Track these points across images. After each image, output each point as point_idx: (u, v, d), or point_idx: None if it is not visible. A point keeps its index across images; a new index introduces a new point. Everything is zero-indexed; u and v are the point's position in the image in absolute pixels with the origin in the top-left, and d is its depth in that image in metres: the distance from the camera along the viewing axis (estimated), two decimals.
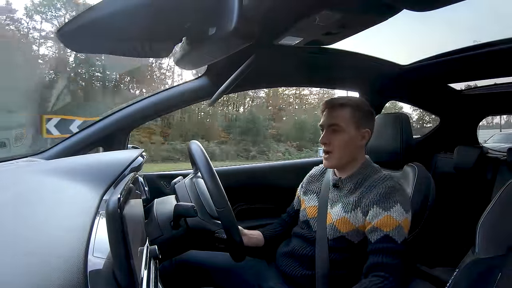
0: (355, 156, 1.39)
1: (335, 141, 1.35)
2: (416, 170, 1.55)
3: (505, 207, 1.04)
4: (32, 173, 1.00)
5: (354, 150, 1.38)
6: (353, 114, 1.36)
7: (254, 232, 1.56)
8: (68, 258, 0.56)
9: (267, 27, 0.81)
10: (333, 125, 1.35)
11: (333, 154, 1.36)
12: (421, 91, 2.37)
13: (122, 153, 1.36)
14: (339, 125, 1.34)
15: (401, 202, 1.24)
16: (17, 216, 0.66)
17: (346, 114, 1.35)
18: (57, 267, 0.53)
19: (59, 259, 0.55)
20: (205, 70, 1.83)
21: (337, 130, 1.35)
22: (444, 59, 1.80)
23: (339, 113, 1.36)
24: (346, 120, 1.35)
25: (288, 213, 1.65)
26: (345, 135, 1.35)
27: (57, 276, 0.51)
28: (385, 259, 1.17)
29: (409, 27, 19.33)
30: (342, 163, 1.39)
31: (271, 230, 1.61)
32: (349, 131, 1.35)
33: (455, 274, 1.01)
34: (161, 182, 1.98)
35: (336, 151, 1.36)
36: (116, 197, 0.61)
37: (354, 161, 1.40)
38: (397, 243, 1.18)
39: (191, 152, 1.36)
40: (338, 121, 1.35)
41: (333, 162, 1.38)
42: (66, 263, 0.55)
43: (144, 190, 1.57)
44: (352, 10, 0.77)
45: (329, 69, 1.98)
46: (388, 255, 1.17)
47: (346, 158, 1.38)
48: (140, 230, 0.93)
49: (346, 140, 1.35)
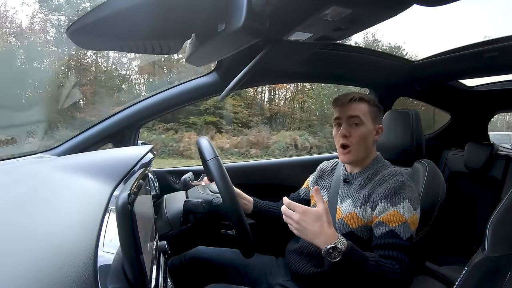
0: (370, 151, 1.39)
1: (355, 134, 1.34)
2: (427, 167, 1.53)
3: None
4: (43, 170, 1.01)
5: (369, 145, 1.38)
6: (370, 108, 1.36)
7: (246, 196, 1.56)
8: (78, 253, 0.57)
9: (277, 22, 0.80)
10: (353, 117, 1.34)
11: (352, 148, 1.35)
12: (432, 87, 2.35)
13: (132, 149, 1.37)
14: (360, 118, 1.34)
15: (410, 198, 1.22)
16: (28, 212, 0.67)
17: (364, 108, 1.35)
18: (68, 262, 0.53)
19: (69, 254, 0.55)
20: (214, 66, 1.83)
21: (357, 122, 1.34)
22: (455, 55, 1.78)
23: (359, 106, 1.35)
24: (365, 114, 1.35)
25: (291, 197, 1.63)
26: (364, 128, 1.34)
27: (68, 271, 0.51)
28: (390, 252, 1.16)
29: (420, 22, 19.18)
30: (359, 158, 1.38)
31: (264, 205, 1.60)
32: (368, 125, 1.35)
33: (464, 273, 1.01)
34: (171, 178, 1.99)
35: (354, 144, 1.34)
36: (126, 193, 0.61)
37: (367, 156, 1.39)
38: (402, 239, 1.17)
39: (200, 147, 1.36)
40: (358, 113, 1.34)
41: (351, 157, 1.37)
42: (77, 258, 0.55)
43: (154, 186, 1.58)
44: (362, 5, 0.76)
45: (339, 65, 1.97)
46: (393, 249, 1.16)
47: (363, 152, 1.37)
48: (150, 225, 0.93)
49: (365, 133, 1.34)
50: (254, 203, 1.57)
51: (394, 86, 2.29)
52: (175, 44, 0.97)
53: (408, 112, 1.66)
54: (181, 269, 1.48)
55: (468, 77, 2.24)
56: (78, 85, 7.67)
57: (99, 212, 0.71)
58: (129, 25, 0.82)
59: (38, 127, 2.24)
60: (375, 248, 1.21)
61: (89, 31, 0.81)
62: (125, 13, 0.75)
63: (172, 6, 0.78)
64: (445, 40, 15.81)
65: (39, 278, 0.48)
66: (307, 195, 1.62)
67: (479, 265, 0.99)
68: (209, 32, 0.85)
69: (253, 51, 1.01)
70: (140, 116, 1.78)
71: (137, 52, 0.98)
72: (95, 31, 0.82)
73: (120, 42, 0.92)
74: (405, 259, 1.15)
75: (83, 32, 0.82)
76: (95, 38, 0.87)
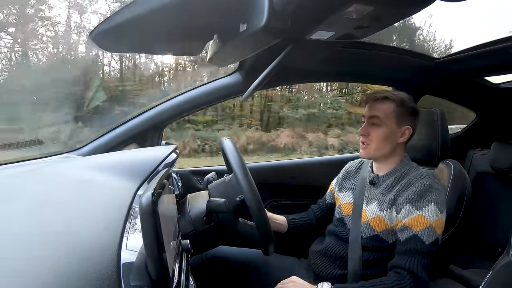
0: (393, 152, 1.37)
1: (373, 134, 1.34)
2: (452, 167, 1.50)
3: None
4: (68, 169, 1.03)
5: (392, 146, 1.35)
6: (395, 109, 1.34)
7: (278, 217, 1.56)
8: (102, 251, 0.58)
9: (298, 22, 0.79)
10: (373, 117, 1.34)
11: (370, 145, 1.35)
12: (456, 85, 2.29)
13: (156, 149, 1.39)
14: (379, 118, 1.33)
15: (436, 201, 1.20)
16: (54, 210, 0.69)
17: (387, 108, 1.33)
18: (92, 259, 0.54)
19: (93, 252, 0.56)
20: (237, 66, 1.84)
21: (376, 123, 1.33)
22: (479, 51, 1.73)
23: (381, 106, 1.34)
24: (387, 114, 1.33)
25: (319, 204, 1.64)
26: (384, 129, 1.33)
27: (92, 268, 0.52)
28: (410, 259, 1.15)
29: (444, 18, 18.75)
30: (378, 155, 1.37)
31: (296, 219, 1.60)
32: (389, 126, 1.33)
33: (488, 277, 0.98)
34: (194, 178, 2.01)
35: (373, 143, 1.34)
36: (150, 192, 0.62)
37: (392, 157, 1.38)
38: (425, 244, 1.15)
39: (224, 150, 1.37)
40: (378, 113, 1.33)
41: (369, 152, 1.36)
42: (100, 255, 0.56)
43: (177, 186, 1.59)
44: (384, 3, 0.75)
45: (361, 63, 1.95)
46: (413, 255, 1.15)
47: (383, 151, 1.35)
48: (173, 224, 0.94)
49: (385, 134, 1.33)
50: (288, 221, 1.57)
51: (418, 84, 2.25)
52: (197, 45, 0.98)
53: (433, 111, 1.63)
54: (202, 268, 1.49)
55: (493, 74, 2.18)
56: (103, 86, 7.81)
57: (123, 211, 0.72)
58: (152, 28, 0.83)
59: (64, 127, 2.29)
60: (397, 252, 1.21)
61: (113, 34, 0.83)
62: (148, 16, 0.75)
63: (194, 8, 0.78)
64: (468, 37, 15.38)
65: (63, 273, 0.49)
66: (332, 199, 1.61)
67: (504, 269, 0.96)
68: (230, 33, 0.85)
69: (275, 51, 1.01)
70: (163, 117, 1.80)
71: (160, 54, 0.99)
72: (118, 34, 0.84)
73: (143, 44, 0.93)
74: (422, 264, 1.14)
75: (107, 35, 0.83)
76: (118, 41, 0.89)
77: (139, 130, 1.76)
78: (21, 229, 0.59)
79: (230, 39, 0.88)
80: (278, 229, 1.52)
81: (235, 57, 1.20)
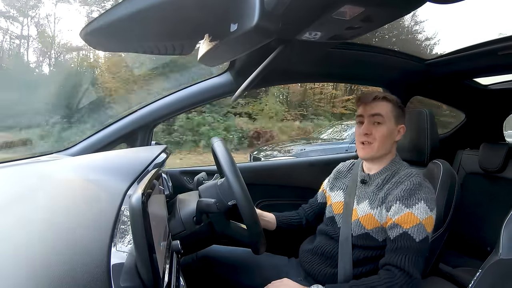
0: (389, 150, 1.39)
1: (377, 133, 1.34)
2: (441, 167, 1.51)
3: None
4: (57, 169, 1.03)
5: (390, 145, 1.37)
6: (393, 108, 1.36)
7: (267, 214, 1.56)
8: (91, 251, 0.57)
9: (289, 22, 0.79)
10: (376, 115, 1.35)
11: (373, 144, 1.35)
12: (446, 86, 2.32)
13: (146, 149, 1.38)
14: (382, 116, 1.34)
15: (425, 199, 1.21)
16: (42, 210, 0.68)
17: (387, 108, 1.35)
18: (81, 260, 0.54)
19: (83, 253, 0.56)
20: (227, 66, 1.84)
21: (380, 121, 1.34)
22: (469, 53, 1.75)
23: (382, 105, 1.35)
24: (388, 113, 1.35)
25: (310, 204, 1.65)
26: (386, 127, 1.34)
27: (81, 269, 0.52)
28: (400, 256, 1.16)
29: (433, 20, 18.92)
30: (377, 155, 1.37)
31: (286, 218, 1.61)
32: (389, 124, 1.35)
33: (478, 275, 0.99)
34: (184, 178, 2.00)
35: (376, 141, 1.34)
36: (140, 193, 0.62)
37: (385, 156, 1.39)
38: (415, 241, 1.16)
39: (215, 152, 1.37)
40: (381, 112, 1.34)
41: (371, 151, 1.36)
42: (90, 256, 0.56)
43: (167, 186, 1.58)
44: (375, 4, 0.75)
45: (352, 64, 1.96)
46: (403, 252, 1.16)
47: (383, 151, 1.36)
48: (163, 225, 0.94)
49: (387, 132, 1.34)
50: (276, 218, 1.58)
51: (408, 85, 2.26)
52: (188, 44, 0.98)
53: (422, 111, 1.64)
54: (194, 268, 1.49)
55: (482, 75, 2.20)
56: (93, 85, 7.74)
57: (112, 211, 0.72)
58: (142, 27, 0.83)
59: (52, 128, 2.27)
60: (387, 249, 1.21)
61: (103, 32, 0.82)
62: (138, 15, 0.75)
63: (185, 7, 0.78)
64: (458, 38, 15.59)
65: (51, 274, 0.48)
66: (323, 198, 1.61)
67: (493, 268, 0.98)
68: (221, 33, 0.85)
69: (266, 51, 1.01)
70: (153, 117, 1.79)
71: (150, 53, 0.99)
72: (109, 33, 0.83)
73: (134, 43, 0.93)
74: (413, 261, 1.15)
75: (97, 34, 0.83)
76: (108, 40, 0.88)
77: (129, 130, 1.75)
78: (7, 231, 0.58)
79: (220, 39, 0.88)
80: (266, 227, 1.52)
81: (226, 57, 1.20)
